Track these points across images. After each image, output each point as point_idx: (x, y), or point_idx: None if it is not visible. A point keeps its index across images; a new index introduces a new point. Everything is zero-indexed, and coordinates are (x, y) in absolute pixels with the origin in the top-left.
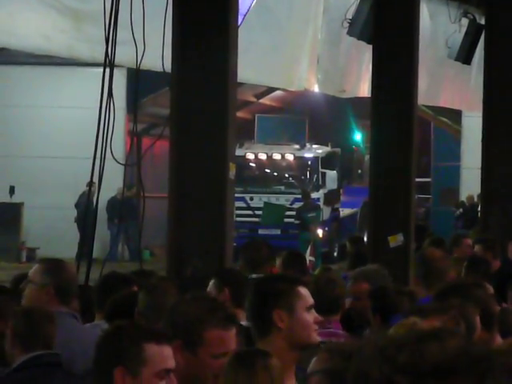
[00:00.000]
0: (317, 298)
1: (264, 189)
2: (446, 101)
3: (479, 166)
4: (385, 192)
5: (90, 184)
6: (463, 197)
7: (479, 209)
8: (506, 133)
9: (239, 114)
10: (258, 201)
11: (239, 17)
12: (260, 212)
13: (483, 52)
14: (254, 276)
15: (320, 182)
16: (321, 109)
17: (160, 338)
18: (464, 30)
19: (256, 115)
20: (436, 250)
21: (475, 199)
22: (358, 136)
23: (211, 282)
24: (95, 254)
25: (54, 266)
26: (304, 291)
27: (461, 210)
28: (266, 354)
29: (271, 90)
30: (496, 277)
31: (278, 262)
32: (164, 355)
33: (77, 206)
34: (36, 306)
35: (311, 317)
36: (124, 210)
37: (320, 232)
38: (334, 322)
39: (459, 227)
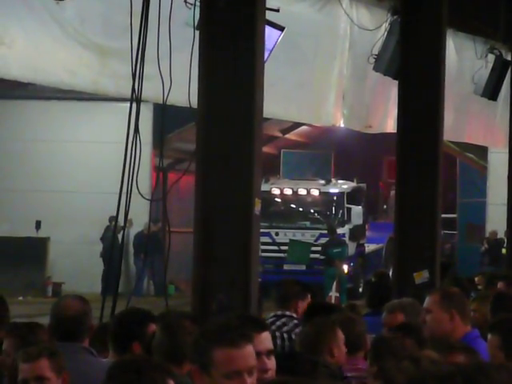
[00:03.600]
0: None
1: (289, 224)
2: (471, 137)
3: (505, 201)
4: (410, 228)
5: (116, 219)
6: (489, 232)
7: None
8: None
9: (265, 149)
10: (283, 236)
11: (266, 52)
12: (285, 247)
13: (509, 88)
14: (279, 312)
15: (345, 218)
16: (346, 144)
17: None
18: (490, 65)
19: (282, 150)
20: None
21: (498, 235)
22: (383, 171)
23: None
24: (120, 289)
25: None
26: (339, 332)
27: (486, 246)
28: None
29: (297, 125)
30: None
31: None
32: None
33: (102, 239)
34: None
35: None
36: (150, 244)
37: (345, 268)
38: (359, 358)
39: (485, 264)
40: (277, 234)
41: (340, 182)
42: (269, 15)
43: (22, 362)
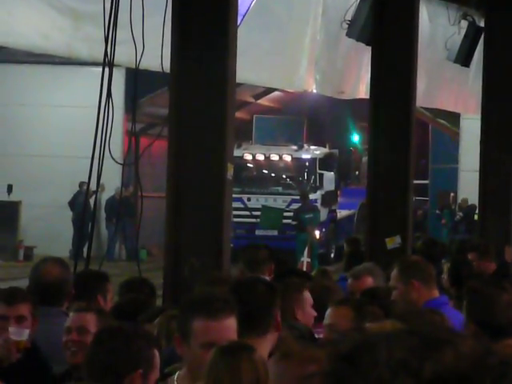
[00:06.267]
0: (316, 306)
1: (261, 190)
2: (443, 103)
3: (477, 168)
4: (382, 194)
5: (88, 183)
6: (461, 199)
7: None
8: (504, 135)
9: (237, 114)
10: (255, 201)
11: (238, 17)
12: (257, 213)
13: (482, 54)
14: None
15: (317, 184)
16: (319, 110)
17: None
18: (463, 32)
19: (254, 116)
20: None
21: (469, 202)
22: (355, 137)
23: None
24: (92, 254)
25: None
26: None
27: (461, 213)
28: (251, 347)
29: (269, 90)
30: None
31: None
32: None
33: (71, 204)
34: None
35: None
36: (122, 209)
37: (317, 233)
38: None
39: (462, 232)
40: (249, 199)
41: (312, 147)
42: None
43: (72, 312)
